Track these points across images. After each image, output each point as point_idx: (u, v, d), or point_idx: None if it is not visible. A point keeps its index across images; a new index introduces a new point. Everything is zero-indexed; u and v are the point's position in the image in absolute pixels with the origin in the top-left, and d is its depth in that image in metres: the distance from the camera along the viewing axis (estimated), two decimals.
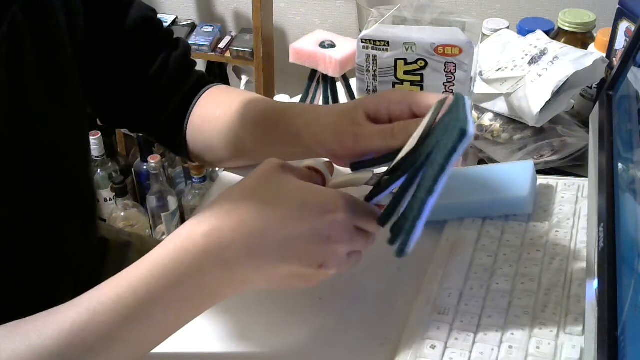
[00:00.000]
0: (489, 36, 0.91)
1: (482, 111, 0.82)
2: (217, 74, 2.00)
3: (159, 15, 0.76)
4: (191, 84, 0.76)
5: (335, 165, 0.60)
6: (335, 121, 0.61)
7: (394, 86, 0.73)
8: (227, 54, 1.85)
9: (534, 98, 0.76)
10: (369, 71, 0.73)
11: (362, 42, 0.71)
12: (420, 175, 0.50)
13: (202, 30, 1.90)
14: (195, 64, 0.78)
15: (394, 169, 0.54)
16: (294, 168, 0.53)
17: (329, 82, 0.85)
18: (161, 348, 0.50)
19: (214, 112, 0.73)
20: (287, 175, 0.52)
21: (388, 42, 0.70)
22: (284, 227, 0.49)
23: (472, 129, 0.46)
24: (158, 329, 0.49)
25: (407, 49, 0.70)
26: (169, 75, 0.74)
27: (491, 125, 0.81)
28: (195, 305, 0.50)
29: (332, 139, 0.61)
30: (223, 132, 0.72)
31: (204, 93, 0.75)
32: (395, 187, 0.53)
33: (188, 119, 0.75)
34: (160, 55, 0.73)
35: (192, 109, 0.75)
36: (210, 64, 1.98)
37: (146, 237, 1.13)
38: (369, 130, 0.58)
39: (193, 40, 1.86)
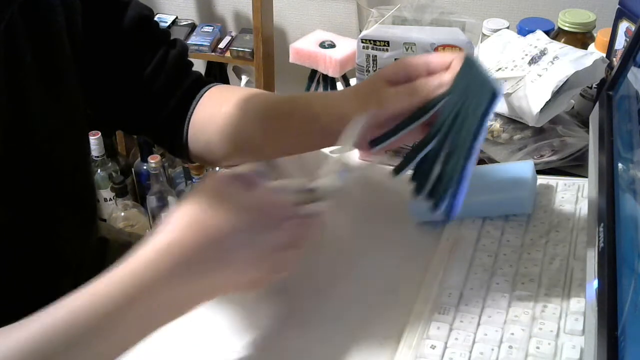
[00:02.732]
0: (489, 36, 0.91)
1: None
2: (217, 74, 2.00)
3: (159, 15, 0.76)
4: (190, 82, 0.75)
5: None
6: (357, 91, 0.63)
7: None
8: (227, 54, 1.85)
9: (534, 98, 0.76)
10: (369, 71, 0.72)
11: (362, 42, 0.71)
12: (449, 140, 0.54)
13: (202, 30, 1.90)
14: (192, 64, 0.78)
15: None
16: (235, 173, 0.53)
17: (329, 82, 0.86)
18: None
19: (219, 110, 0.72)
20: (222, 184, 0.52)
21: (388, 42, 0.70)
22: (218, 231, 0.49)
23: (501, 89, 0.50)
24: (116, 346, 0.48)
25: (407, 49, 0.70)
26: (167, 73, 0.73)
27: (491, 125, 0.81)
28: (152, 323, 0.48)
29: (356, 110, 0.61)
30: (229, 128, 0.71)
31: (206, 92, 0.75)
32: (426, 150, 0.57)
33: (189, 118, 0.74)
34: (158, 53, 0.73)
35: (194, 107, 0.74)
36: (210, 64, 1.98)
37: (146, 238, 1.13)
38: (391, 91, 0.60)
39: (193, 40, 1.86)
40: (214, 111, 0.73)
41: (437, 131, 0.56)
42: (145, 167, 1.76)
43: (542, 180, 0.69)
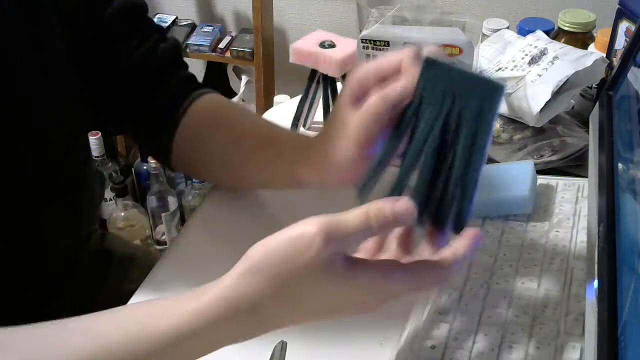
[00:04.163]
0: (489, 36, 0.91)
1: None
2: (217, 74, 2.00)
3: (159, 15, 0.74)
4: (179, 82, 0.71)
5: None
6: (323, 128, 0.59)
7: None
8: (227, 54, 1.85)
9: (534, 98, 0.76)
10: None
11: (362, 42, 0.71)
12: (445, 154, 0.47)
13: (202, 30, 1.90)
14: (186, 65, 0.73)
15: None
16: (344, 236, 0.44)
17: (329, 82, 0.85)
18: None
19: (210, 128, 0.69)
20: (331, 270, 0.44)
21: (388, 42, 0.70)
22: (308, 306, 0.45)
23: (504, 83, 0.46)
24: None
25: None
26: (153, 67, 0.69)
27: None
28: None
29: (320, 145, 0.57)
30: (218, 148, 0.68)
31: (198, 98, 0.70)
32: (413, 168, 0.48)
33: (178, 124, 0.70)
34: (144, 45, 0.68)
35: (183, 114, 0.70)
36: (210, 64, 1.99)
37: (152, 252, 1.11)
38: (354, 117, 0.52)
39: (193, 40, 1.86)
40: (205, 128, 0.69)
41: (420, 148, 0.48)
42: (145, 167, 1.76)
43: (542, 180, 0.69)
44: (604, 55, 0.82)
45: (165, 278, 0.65)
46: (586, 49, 0.86)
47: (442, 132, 0.47)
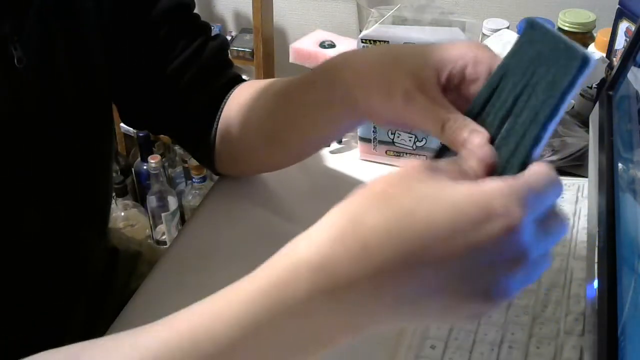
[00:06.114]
0: (489, 36, 0.91)
1: None
2: None
3: None
4: (225, 81, 0.69)
5: None
6: (385, 69, 0.51)
7: None
8: None
9: None
10: None
11: (362, 42, 0.71)
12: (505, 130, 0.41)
13: None
14: (232, 63, 0.72)
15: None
16: (447, 167, 0.38)
17: None
18: None
19: (244, 103, 0.66)
20: (436, 175, 0.36)
21: (388, 42, 0.70)
22: (425, 254, 0.34)
23: (592, 57, 0.38)
24: None
25: None
26: (200, 66, 0.67)
27: None
28: (293, 356, 0.37)
29: (377, 88, 0.52)
30: (254, 119, 0.65)
31: (234, 90, 0.69)
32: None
33: (218, 121, 0.68)
34: (193, 44, 0.67)
35: (223, 108, 0.68)
36: None
37: (156, 248, 1.10)
38: (423, 104, 0.48)
39: None
40: (239, 107, 0.67)
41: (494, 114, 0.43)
42: (145, 167, 1.76)
43: None
44: (604, 55, 0.82)
45: (165, 278, 0.65)
46: (586, 49, 0.86)
47: (513, 102, 0.42)
